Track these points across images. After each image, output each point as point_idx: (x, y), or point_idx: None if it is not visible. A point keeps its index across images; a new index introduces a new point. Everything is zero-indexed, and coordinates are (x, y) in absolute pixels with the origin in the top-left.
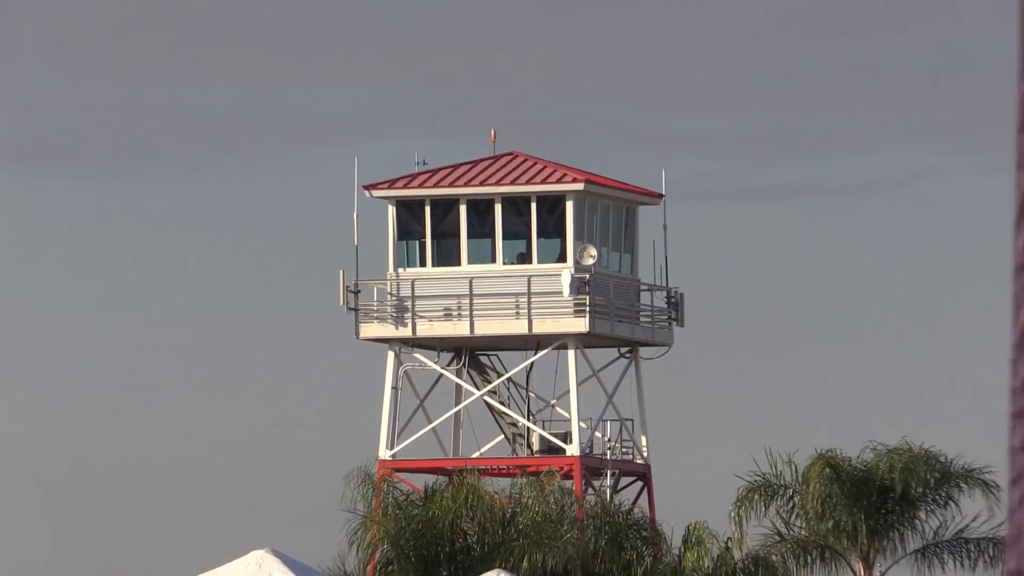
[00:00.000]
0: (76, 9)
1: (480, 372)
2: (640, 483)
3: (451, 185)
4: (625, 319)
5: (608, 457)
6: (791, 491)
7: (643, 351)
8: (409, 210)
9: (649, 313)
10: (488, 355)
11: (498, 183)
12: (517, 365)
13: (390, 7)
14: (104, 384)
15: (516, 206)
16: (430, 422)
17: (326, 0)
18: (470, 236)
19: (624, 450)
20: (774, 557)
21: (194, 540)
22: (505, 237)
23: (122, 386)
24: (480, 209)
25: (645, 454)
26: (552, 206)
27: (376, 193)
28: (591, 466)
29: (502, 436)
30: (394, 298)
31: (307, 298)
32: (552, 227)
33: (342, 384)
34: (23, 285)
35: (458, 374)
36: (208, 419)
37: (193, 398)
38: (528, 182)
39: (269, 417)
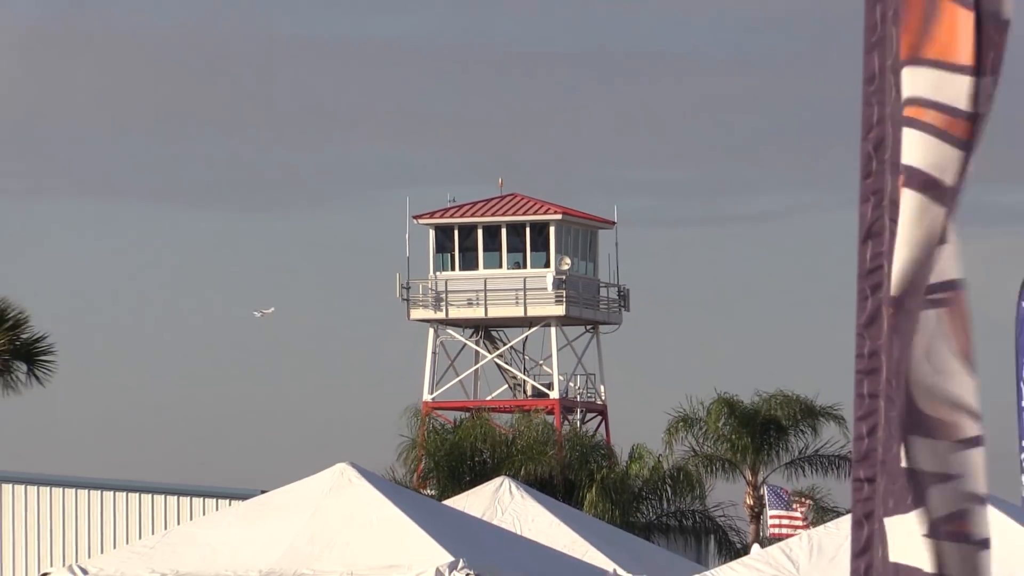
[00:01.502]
0: (218, 99)
1: (491, 342)
2: (600, 417)
3: (472, 216)
4: (590, 306)
5: (578, 399)
6: (703, 422)
7: (602, 328)
8: (444, 232)
9: (606, 302)
10: (497, 331)
11: (503, 214)
12: (516, 337)
13: (432, 98)
14: (238, 345)
15: (516, 230)
16: (457, 376)
17: (389, 92)
18: (484, 250)
19: (589, 395)
20: (691, 467)
21: (285, 458)
22: (508, 251)
23: (255, 345)
24: (491, 232)
25: (603, 398)
26: (540, 230)
27: (421, 221)
28: (566, 406)
29: (506, 385)
30: (433, 292)
31: (374, 292)
32: (540, 244)
33: (398, 350)
34: (196, 283)
35: (476, 343)
36: (305, 373)
37: (297, 358)
38: (524, 214)
39: (346, 373)
